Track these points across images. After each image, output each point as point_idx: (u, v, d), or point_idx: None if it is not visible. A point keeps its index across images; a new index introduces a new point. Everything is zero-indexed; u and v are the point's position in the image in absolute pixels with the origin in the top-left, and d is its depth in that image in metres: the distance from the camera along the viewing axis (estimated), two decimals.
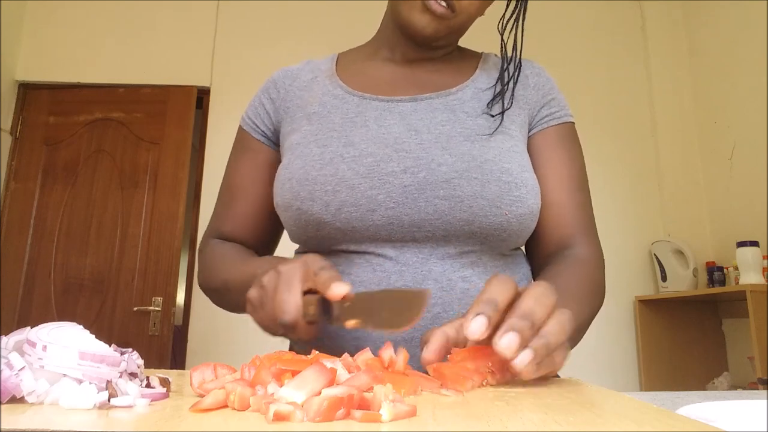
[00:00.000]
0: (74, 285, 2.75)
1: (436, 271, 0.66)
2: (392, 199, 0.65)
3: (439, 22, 0.71)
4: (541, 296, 0.45)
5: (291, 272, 0.54)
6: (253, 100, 0.83)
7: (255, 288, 0.57)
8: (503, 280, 0.47)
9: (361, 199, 0.65)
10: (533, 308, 0.44)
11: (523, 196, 0.67)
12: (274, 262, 0.63)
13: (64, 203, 2.84)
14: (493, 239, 0.67)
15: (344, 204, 0.66)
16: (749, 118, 2.64)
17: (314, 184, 0.67)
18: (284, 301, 0.52)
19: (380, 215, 0.65)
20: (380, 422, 0.30)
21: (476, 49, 0.86)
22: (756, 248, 2.43)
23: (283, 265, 0.55)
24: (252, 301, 0.57)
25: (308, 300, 0.54)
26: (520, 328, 0.42)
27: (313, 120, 0.74)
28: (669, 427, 0.28)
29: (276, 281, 0.54)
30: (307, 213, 0.67)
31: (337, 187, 0.66)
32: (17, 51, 3.02)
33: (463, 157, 0.67)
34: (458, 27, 0.73)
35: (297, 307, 0.52)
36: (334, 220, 0.66)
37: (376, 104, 0.73)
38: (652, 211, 2.99)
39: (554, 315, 0.45)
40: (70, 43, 3.06)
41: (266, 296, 0.55)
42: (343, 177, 0.66)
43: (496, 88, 0.75)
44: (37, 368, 0.35)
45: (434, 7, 0.69)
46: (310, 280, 0.54)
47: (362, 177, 0.66)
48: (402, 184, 0.66)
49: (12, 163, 2.90)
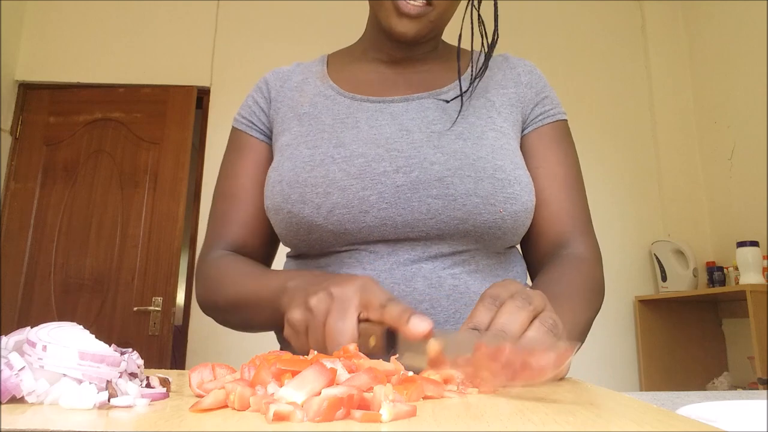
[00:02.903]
0: (74, 285, 2.75)
1: (426, 269, 0.65)
2: (385, 199, 0.64)
3: (419, 22, 0.69)
4: (516, 309, 0.45)
5: (346, 297, 0.49)
6: (246, 100, 0.81)
7: (299, 309, 0.52)
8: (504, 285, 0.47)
9: (353, 200, 0.64)
10: (506, 321, 0.44)
11: (517, 193, 0.67)
12: (306, 276, 0.60)
13: (64, 203, 2.84)
14: (488, 237, 0.66)
15: (336, 206, 0.64)
16: (749, 118, 2.64)
17: (305, 186, 0.66)
18: (338, 330, 0.48)
19: (373, 216, 0.64)
20: (380, 422, 0.30)
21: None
22: (756, 248, 2.43)
23: (336, 287, 0.50)
24: (294, 324, 0.52)
25: (368, 330, 0.48)
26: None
27: (304, 121, 0.73)
28: (669, 427, 0.28)
29: (328, 305, 0.50)
30: (298, 216, 0.66)
31: (328, 189, 0.65)
32: (17, 51, 3.02)
33: (456, 155, 0.66)
34: (438, 20, 0.71)
35: (353, 337, 0.47)
36: (326, 222, 0.65)
37: (368, 105, 0.73)
38: (652, 211, 2.99)
39: (534, 324, 0.45)
40: (70, 43, 3.06)
41: (314, 321, 0.50)
42: (334, 178, 0.65)
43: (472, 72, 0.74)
44: (37, 368, 0.35)
45: (408, 9, 0.68)
46: (374, 311, 0.48)
47: (354, 178, 0.65)
48: (394, 184, 0.65)
49: (12, 163, 2.90)
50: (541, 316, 0.46)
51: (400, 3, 0.68)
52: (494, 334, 0.43)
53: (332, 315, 0.49)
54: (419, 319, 0.45)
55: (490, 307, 0.46)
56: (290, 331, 0.53)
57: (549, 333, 0.45)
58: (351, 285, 0.51)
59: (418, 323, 0.44)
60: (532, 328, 0.45)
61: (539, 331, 0.45)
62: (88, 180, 2.87)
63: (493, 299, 0.46)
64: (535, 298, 0.47)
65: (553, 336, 0.45)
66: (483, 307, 0.46)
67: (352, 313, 0.49)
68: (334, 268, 0.67)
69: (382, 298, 0.49)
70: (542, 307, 0.47)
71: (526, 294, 0.47)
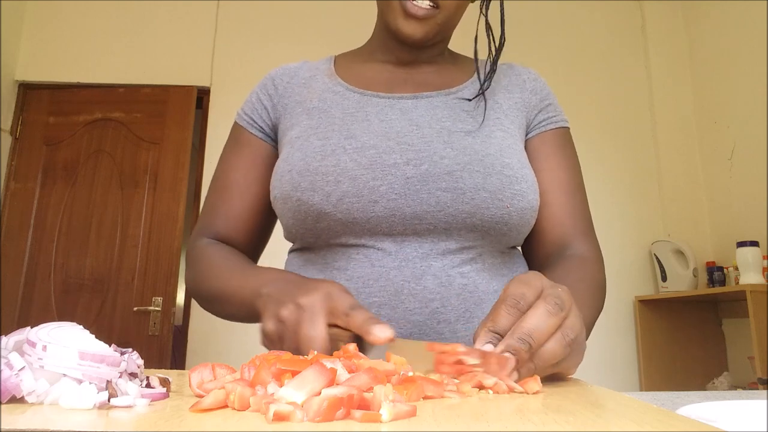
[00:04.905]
0: (74, 285, 2.75)
1: (436, 267, 0.65)
2: (394, 190, 0.65)
3: (426, 24, 0.71)
4: (546, 315, 0.43)
5: (314, 306, 0.51)
6: (250, 96, 0.82)
7: (271, 321, 0.54)
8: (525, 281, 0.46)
9: (363, 190, 0.65)
10: (535, 327, 0.43)
11: (523, 191, 0.68)
12: (277, 276, 0.62)
13: (64, 203, 2.84)
14: (494, 233, 0.67)
15: (346, 195, 0.65)
16: (749, 118, 2.64)
17: (315, 174, 0.66)
18: (310, 338, 0.50)
19: (382, 206, 0.65)
20: (380, 422, 0.30)
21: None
22: (756, 248, 2.43)
23: (303, 298, 0.52)
24: (269, 335, 0.54)
25: (338, 335, 0.50)
26: (516, 349, 0.41)
27: (313, 114, 0.74)
28: (669, 427, 0.28)
29: (297, 316, 0.52)
30: (307, 204, 0.66)
31: (339, 177, 0.66)
32: (17, 51, 3.02)
33: (465, 150, 0.67)
34: (445, 23, 0.73)
35: (325, 344, 0.49)
36: (335, 210, 0.65)
37: (377, 100, 0.73)
38: (652, 211, 2.99)
39: (555, 335, 0.44)
40: (70, 43, 3.06)
41: (287, 331, 0.52)
42: (345, 168, 0.66)
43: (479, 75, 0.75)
44: (37, 368, 0.35)
45: (415, 11, 0.69)
46: (340, 319, 0.50)
47: (364, 168, 0.66)
48: (404, 176, 0.65)
49: (12, 163, 2.90)
50: (564, 326, 0.44)
51: (407, 4, 0.69)
52: (519, 338, 0.42)
53: (302, 325, 0.51)
54: (380, 329, 0.47)
55: (512, 310, 0.44)
56: (266, 341, 0.56)
57: (566, 348, 0.44)
58: (316, 294, 0.53)
59: (379, 332, 0.47)
60: (553, 339, 0.43)
61: (559, 344, 0.43)
62: (88, 180, 2.87)
63: (517, 300, 0.44)
64: (566, 300, 0.45)
65: (569, 350, 0.44)
66: (505, 309, 0.44)
67: (321, 321, 0.51)
68: (341, 264, 0.67)
69: (345, 305, 0.51)
70: (568, 311, 0.45)
71: (557, 295, 0.45)
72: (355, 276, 0.66)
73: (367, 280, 0.65)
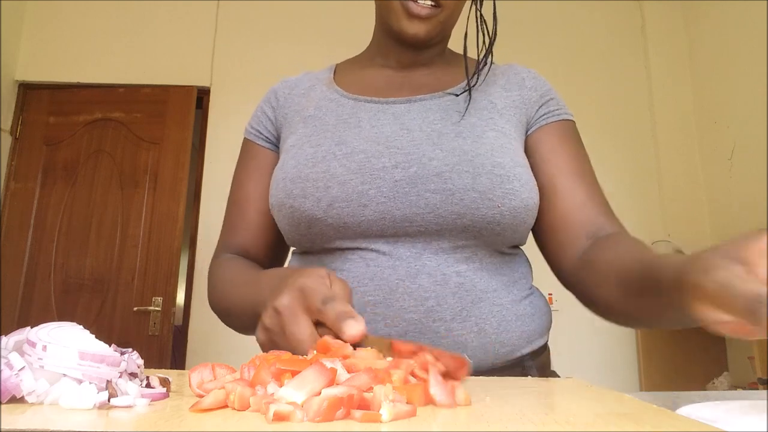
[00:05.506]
0: (74, 285, 2.75)
1: (430, 266, 0.66)
2: (383, 193, 0.66)
3: (429, 23, 0.71)
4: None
5: (291, 308, 0.51)
6: (256, 111, 0.85)
7: (260, 330, 0.55)
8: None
9: (352, 194, 0.66)
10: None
11: (516, 189, 0.67)
12: (270, 280, 0.62)
13: (64, 203, 2.84)
14: (487, 233, 0.67)
15: (335, 200, 0.66)
16: (749, 118, 2.64)
17: (306, 181, 0.67)
18: (298, 341, 0.49)
19: (372, 210, 0.65)
20: (380, 422, 0.30)
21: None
22: None
23: (277, 300, 0.52)
24: (263, 345, 0.55)
25: (326, 331, 0.50)
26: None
27: (309, 123, 0.75)
28: (669, 427, 0.28)
29: (279, 321, 0.52)
30: (299, 210, 0.67)
31: (328, 183, 0.66)
32: (17, 51, 3.02)
33: (454, 151, 0.67)
34: (447, 21, 0.73)
35: (313, 335, 0.49)
36: (326, 216, 0.66)
37: (371, 106, 0.74)
38: (652, 211, 2.99)
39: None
40: (70, 43, 3.06)
41: (276, 336, 0.53)
42: (334, 173, 0.67)
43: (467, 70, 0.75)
44: (37, 368, 0.35)
45: (418, 10, 0.70)
46: (314, 315, 0.50)
47: (353, 173, 0.67)
48: (393, 179, 0.66)
49: (12, 163, 2.90)
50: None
51: (410, 4, 0.70)
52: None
53: (287, 329, 0.51)
54: (351, 324, 0.46)
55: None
56: (264, 350, 0.56)
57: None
58: (288, 294, 0.52)
59: (350, 327, 0.46)
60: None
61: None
62: (88, 180, 2.87)
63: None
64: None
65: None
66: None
67: (303, 321, 0.50)
68: (338, 265, 0.68)
69: (317, 301, 0.50)
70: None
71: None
72: (351, 276, 0.66)
73: (362, 279, 0.66)
